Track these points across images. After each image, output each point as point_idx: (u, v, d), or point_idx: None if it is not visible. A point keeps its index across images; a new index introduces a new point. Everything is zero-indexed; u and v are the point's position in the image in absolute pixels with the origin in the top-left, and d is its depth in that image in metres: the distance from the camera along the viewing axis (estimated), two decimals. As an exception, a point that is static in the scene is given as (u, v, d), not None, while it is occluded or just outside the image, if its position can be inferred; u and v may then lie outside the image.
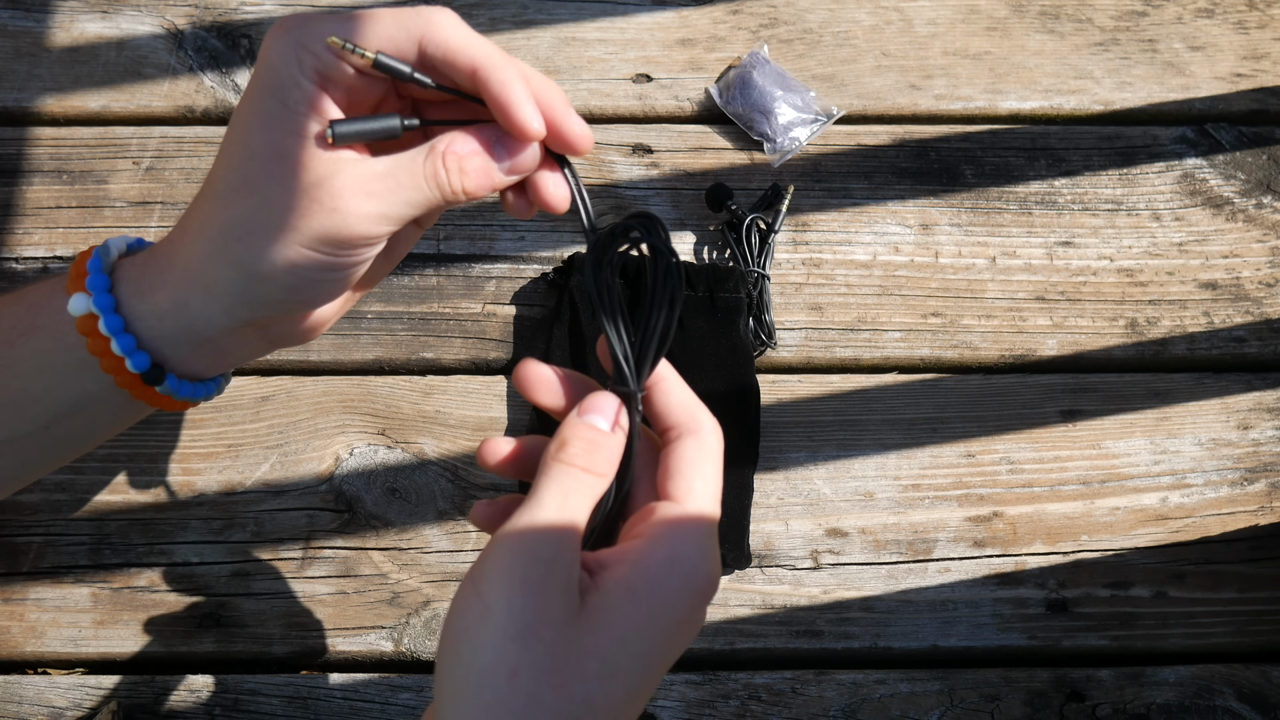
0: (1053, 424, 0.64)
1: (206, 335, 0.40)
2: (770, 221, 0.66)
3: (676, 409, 0.38)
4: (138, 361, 0.39)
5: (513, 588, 0.32)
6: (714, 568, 0.35)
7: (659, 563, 0.34)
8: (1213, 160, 0.71)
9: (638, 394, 0.37)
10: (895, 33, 0.74)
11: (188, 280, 0.39)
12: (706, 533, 0.36)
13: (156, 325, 0.39)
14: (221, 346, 0.41)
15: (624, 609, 0.33)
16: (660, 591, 0.34)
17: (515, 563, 0.33)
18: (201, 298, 0.39)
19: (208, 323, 0.39)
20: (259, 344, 0.42)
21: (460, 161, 0.38)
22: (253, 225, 0.37)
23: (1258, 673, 0.59)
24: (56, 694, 0.57)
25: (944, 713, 0.57)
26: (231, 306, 0.39)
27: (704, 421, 0.38)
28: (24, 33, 0.71)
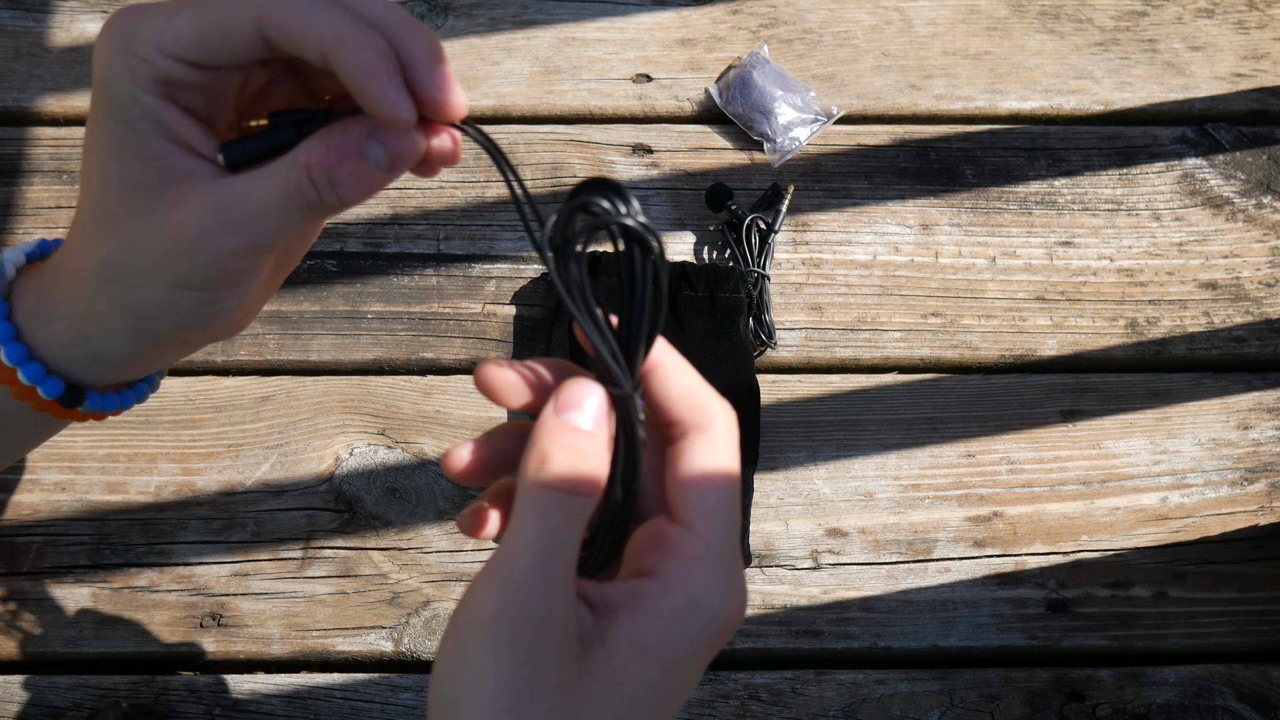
0: (1053, 424, 0.64)
1: (115, 359, 0.36)
2: (770, 221, 0.66)
3: (679, 400, 0.31)
4: (50, 388, 0.36)
5: (501, 654, 0.28)
6: (736, 604, 0.30)
7: (673, 612, 0.29)
8: (1213, 160, 0.71)
9: (634, 394, 0.30)
10: (895, 33, 0.74)
11: (80, 315, 0.36)
12: (728, 561, 0.30)
13: (63, 353, 0.36)
14: (138, 363, 0.37)
15: (634, 669, 0.29)
16: (675, 643, 0.29)
17: (501, 625, 0.28)
18: (99, 332, 0.36)
19: (113, 350, 0.36)
20: (178, 352, 0.38)
21: (329, 172, 0.31)
22: (122, 268, 0.34)
23: (1258, 673, 0.59)
24: (56, 694, 0.57)
25: (944, 713, 0.57)
26: (130, 337, 0.35)
27: (714, 413, 0.31)
28: (24, 33, 0.71)
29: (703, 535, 0.30)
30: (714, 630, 0.30)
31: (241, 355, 0.64)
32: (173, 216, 0.32)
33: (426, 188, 0.68)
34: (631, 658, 0.29)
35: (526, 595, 0.28)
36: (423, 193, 0.68)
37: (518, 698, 0.28)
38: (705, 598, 0.30)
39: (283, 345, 0.64)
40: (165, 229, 0.32)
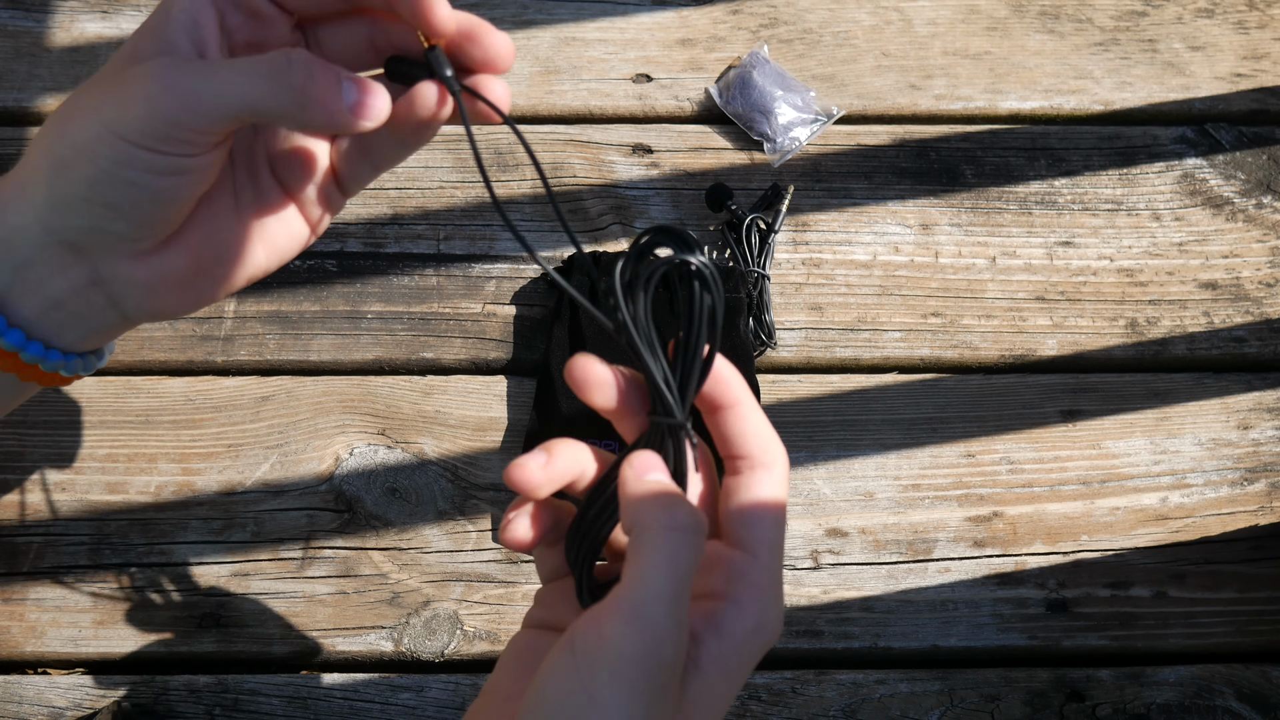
0: (1053, 424, 0.64)
1: (25, 256, 0.35)
2: (770, 221, 0.66)
3: (751, 438, 0.34)
4: None
5: (635, 696, 0.29)
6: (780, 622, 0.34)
7: (747, 634, 0.32)
8: (1213, 160, 0.71)
9: (685, 424, 0.33)
10: (895, 33, 0.74)
11: (9, 184, 0.35)
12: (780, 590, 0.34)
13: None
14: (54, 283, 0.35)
15: (719, 688, 0.32)
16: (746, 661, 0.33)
17: (638, 671, 0.29)
18: (16, 203, 0.34)
19: (24, 237, 0.34)
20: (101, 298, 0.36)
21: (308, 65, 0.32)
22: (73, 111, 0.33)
23: (1258, 673, 0.59)
24: (56, 694, 0.57)
25: (944, 713, 0.57)
26: (42, 211, 0.34)
27: (778, 455, 0.34)
28: (24, 33, 0.71)
29: (766, 564, 0.33)
30: (763, 644, 0.33)
31: (241, 355, 0.64)
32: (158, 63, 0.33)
33: (426, 188, 0.68)
34: (719, 679, 0.32)
35: (663, 641, 0.29)
36: (423, 193, 0.68)
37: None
38: (769, 620, 0.33)
39: (283, 345, 0.64)
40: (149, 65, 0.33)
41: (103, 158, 0.33)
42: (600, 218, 0.68)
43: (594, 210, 0.68)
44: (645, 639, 0.29)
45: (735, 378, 0.34)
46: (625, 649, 0.29)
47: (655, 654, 0.29)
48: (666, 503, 0.31)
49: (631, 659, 0.29)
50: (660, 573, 0.29)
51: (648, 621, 0.29)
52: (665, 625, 0.29)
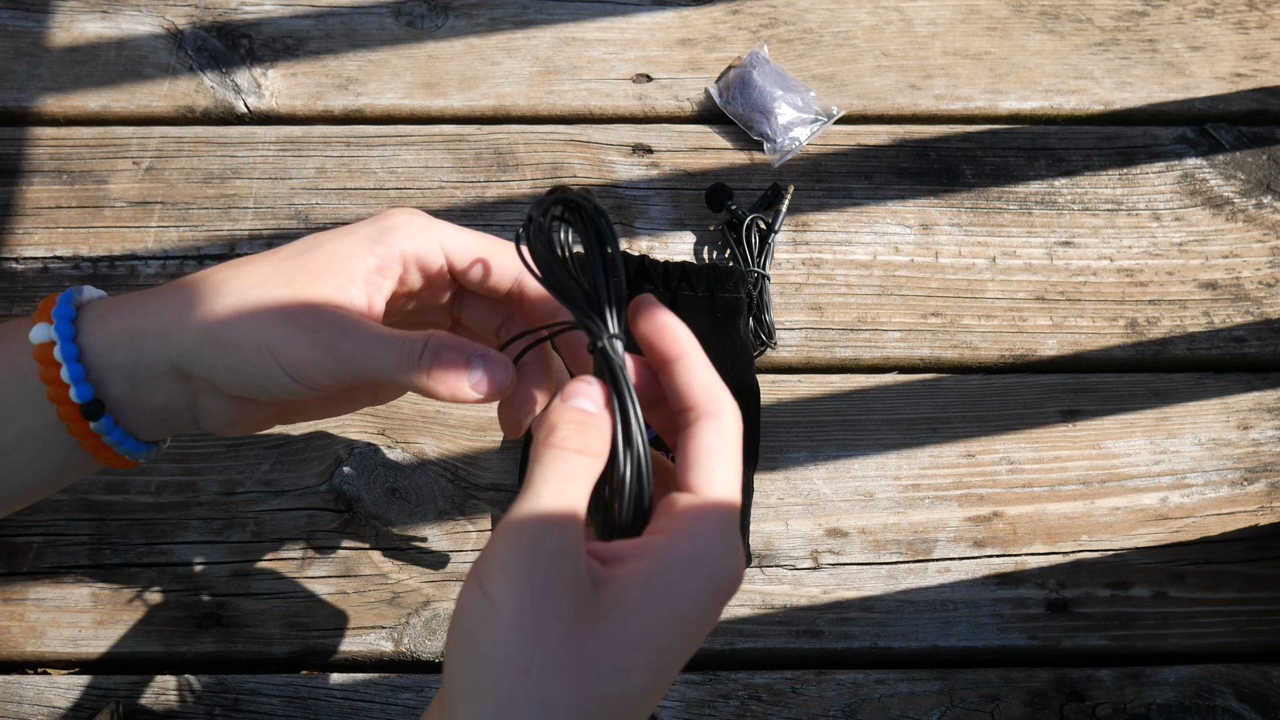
0: (1053, 424, 0.64)
1: (146, 377, 0.40)
2: (770, 221, 0.66)
3: (698, 389, 0.36)
4: (82, 391, 0.39)
5: (519, 581, 0.31)
6: (738, 563, 0.34)
7: (682, 560, 0.33)
8: (1213, 160, 0.71)
9: (615, 337, 0.35)
10: (895, 33, 0.74)
11: (153, 315, 0.40)
12: (730, 525, 0.34)
13: (107, 355, 0.40)
14: (157, 397, 0.41)
15: (643, 606, 0.32)
16: (682, 590, 0.32)
17: (519, 555, 0.31)
18: (155, 333, 0.39)
19: (152, 366, 0.40)
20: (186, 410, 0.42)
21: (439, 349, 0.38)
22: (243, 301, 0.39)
23: (1258, 673, 0.59)
24: (56, 694, 0.57)
25: (944, 713, 0.57)
26: (176, 354, 0.39)
27: (725, 404, 0.36)
28: (24, 33, 0.71)
29: (707, 500, 0.34)
30: (717, 586, 0.33)
31: (241, 355, 0.64)
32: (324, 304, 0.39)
33: (427, 188, 0.68)
34: (641, 597, 0.32)
35: (541, 529, 0.32)
36: (423, 193, 0.68)
37: (535, 621, 0.31)
38: (709, 553, 0.33)
39: (283, 345, 0.64)
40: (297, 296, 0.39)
41: (254, 367, 0.39)
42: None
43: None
44: (523, 530, 0.32)
45: (681, 331, 0.36)
46: (507, 540, 0.32)
47: (534, 542, 0.31)
48: (554, 425, 0.34)
49: (512, 546, 0.32)
50: (540, 478, 0.33)
51: (526, 517, 0.32)
52: (542, 517, 0.32)
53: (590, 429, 0.35)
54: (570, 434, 0.34)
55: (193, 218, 0.67)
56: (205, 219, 0.67)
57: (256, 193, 0.68)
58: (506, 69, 0.72)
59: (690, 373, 0.36)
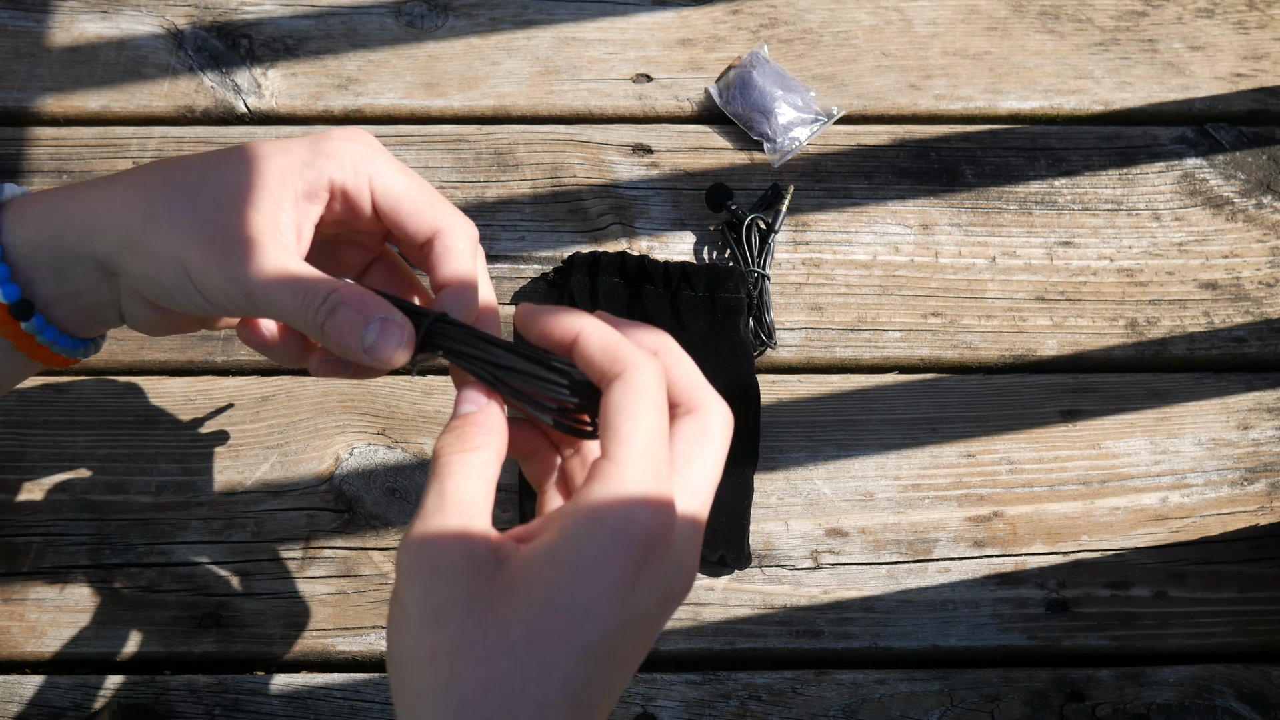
0: (1053, 424, 0.64)
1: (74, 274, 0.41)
2: (770, 221, 0.66)
3: (596, 356, 0.35)
4: (8, 292, 0.40)
5: (416, 578, 0.32)
6: (650, 517, 0.32)
7: (579, 522, 0.32)
8: (1213, 160, 0.71)
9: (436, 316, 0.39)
10: (895, 33, 0.74)
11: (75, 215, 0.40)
12: (637, 481, 0.32)
13: (31, 255, 0.40)
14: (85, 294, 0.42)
15: (544, 573, 0.31)
16: (585, 551, 0.31)
17: (414, 556, 0.33)
18: (79, 235, 0.40)
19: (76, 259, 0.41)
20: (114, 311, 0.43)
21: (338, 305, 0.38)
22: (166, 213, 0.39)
23: (1258, 673, 0.59)
24: (56, 694, 0.57)
25: (944, 713, 0.57)
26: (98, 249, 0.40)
27: (630, 361, 0.34)
28: (24, 33, 0.71)
29: (612, 457, 0.33)
30: (628, 542, 0.31)
31: (241, 355, 0.64)
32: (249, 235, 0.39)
33: (426, 188, 0.68)
34: (541, 564, 0.32)
35: (420, 524, 0.33)
36: (423, 193, 0.68)
37: (433, 608, 0.32)
38: (612, 510, 0.32)
39: (283, 345, 0.64)
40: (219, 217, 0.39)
41: (169, 280, 0.39)
42: (600, 218, 0.68)
43: (594, 210, 0.68)
44: (416, 533, 0.33)
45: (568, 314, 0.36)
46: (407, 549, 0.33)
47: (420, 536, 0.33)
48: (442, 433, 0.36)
49: (410, 549, 0.33)
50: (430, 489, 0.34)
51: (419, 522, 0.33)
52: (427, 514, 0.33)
53: (465, 427, 0.35)
54: (447, 442, 0.35)
55: (193, 218, 0.67)
56: (205, 219, 0.67)
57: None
58: (506, 69, 0.72)
59: (586, 345, 0.35)
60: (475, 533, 0.33)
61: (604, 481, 0.32)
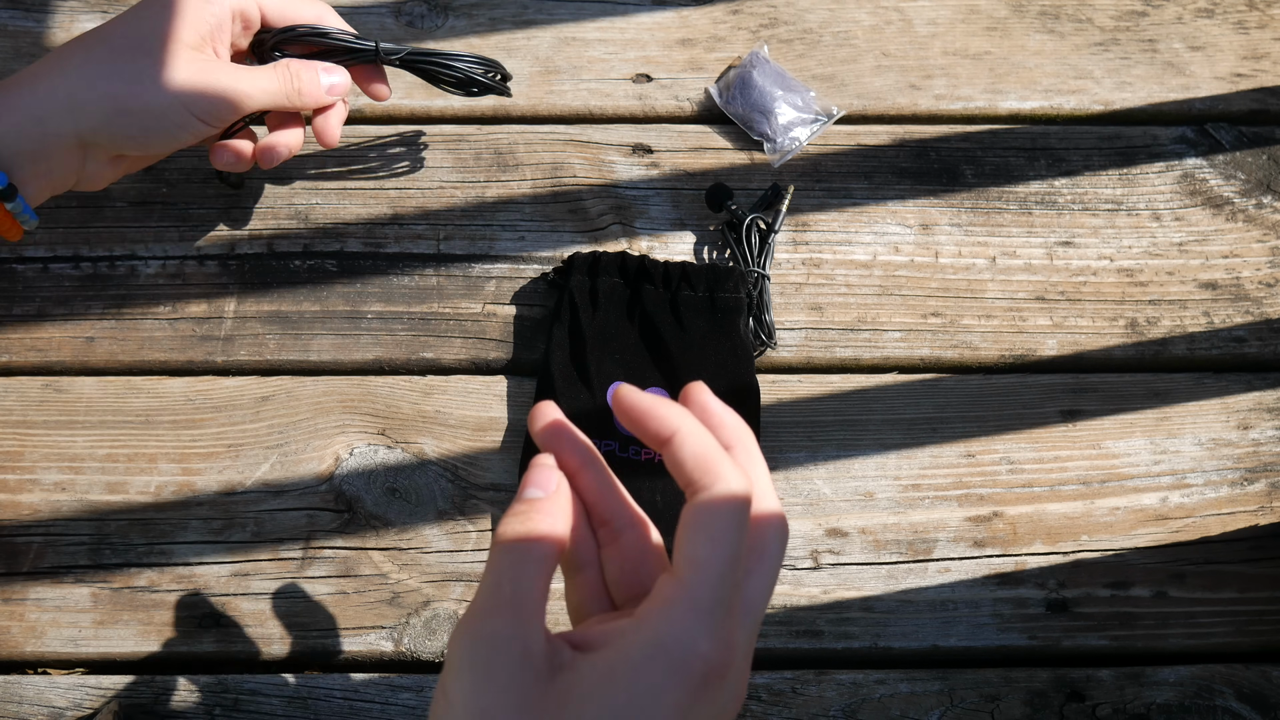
0: (1053, 424, 0.64)
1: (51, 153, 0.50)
2: (770, 221, 0.66)
3: (689, 464, 0.34)
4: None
5: (465, 675, 0.31)
6: (711, 648, 0.31)
7: (642, 646, 0.31)
8: (1213, 160, 0.71)
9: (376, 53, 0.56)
10: (895, 33, 0.74)
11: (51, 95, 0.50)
12: (705, 608, 0.31)
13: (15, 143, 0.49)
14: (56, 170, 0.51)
15: (597, 694, 0.31)
16: (641, 677, 0.31)
17: (466, 650, 0.32)
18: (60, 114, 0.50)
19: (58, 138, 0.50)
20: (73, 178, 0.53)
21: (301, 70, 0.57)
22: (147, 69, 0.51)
23: (1258, 673, 0.59)
24: (56, 694, 0.57)
25: (944, 713, 0.57)
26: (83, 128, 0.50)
27: (719, 475, 0.33)
28: (24, 33, 0.71)
29: (684, 580, 0.32)
30: (687, 672, 0.31)
31: (241, 355, 0.64)
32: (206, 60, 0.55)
33: (426, 188, 0.68)
34: (597, 685, 0.31)
35: (478, 618, 0.32)
36: (423, 193, 0.68)
37: (482, 711, 0.31)
38: (676, 638, 0.31)
39: (283, 345, 0.64)
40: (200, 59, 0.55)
41: (170, 123, 0.52)
42: (600, 218, 0.68)
43: (594, 210, 0.68)
44: (470, 623, 0.32)
45: (668, 408, 0.35)
46: (458, 639, 0.32)
47: (476, 632, 0.32)
48: (505, 518, 0.35)
49: (459, 639, 0.32)
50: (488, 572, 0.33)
51: (472, 611, 0.33)
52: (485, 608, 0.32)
53: (532, 514, 0.34)
54: (510, 524, 0.34)
55: (193, 218, 0.67)
56: (205, 219, 0.67)
57: (256, 192, 0.68)
58: (506, 69, 0.72)
59: (679, 449, 0.34)
60: (532, 635, 0.32)
61: (671, 606, 0.31)
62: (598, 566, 0.38)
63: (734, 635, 0.32)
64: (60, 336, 0.64)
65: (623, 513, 0.38)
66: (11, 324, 0.64)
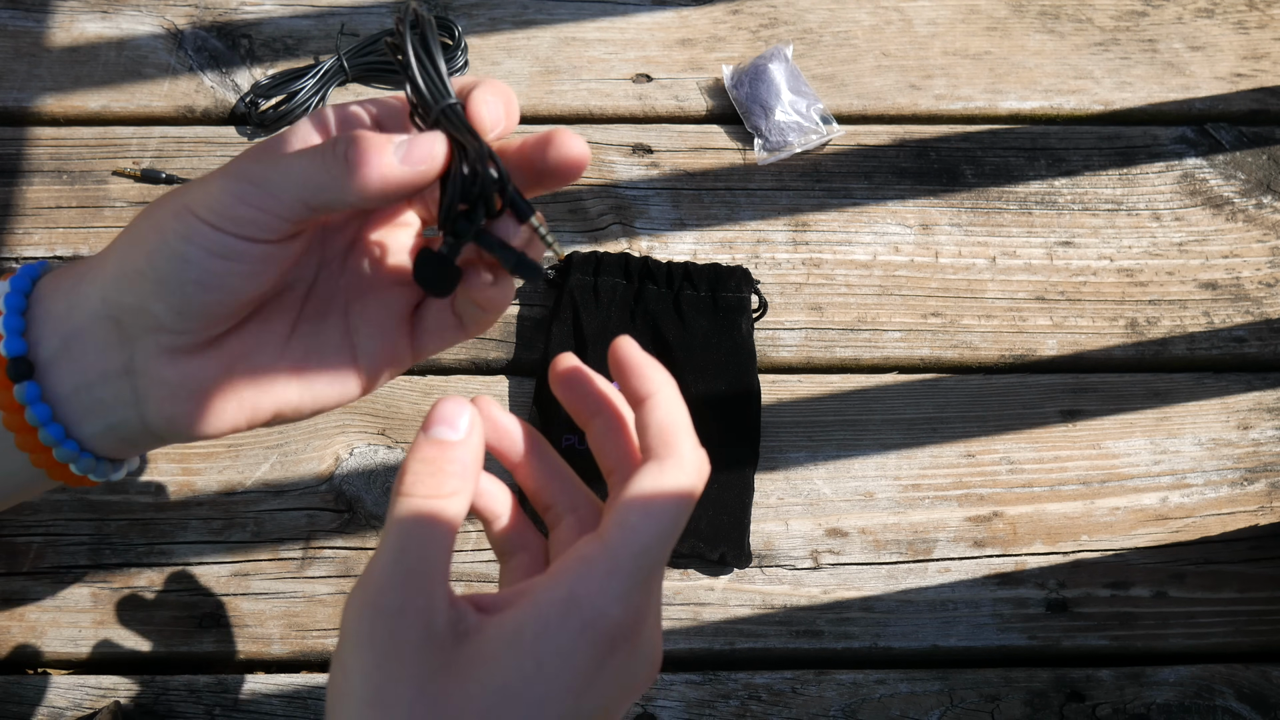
0: (1053, 424, 0.64)
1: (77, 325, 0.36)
2: None
3: (653, 429, 0.32)
4: (11, 344, 0.35)
5: (361, 647, 0.29)
6: (623, 613, 0.30)
7: (552, 604, 0.29)
8: (1213, 160, 0.71)
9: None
10: (895, 33, 0.74)
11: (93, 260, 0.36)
12: (623, 572, 0.30)
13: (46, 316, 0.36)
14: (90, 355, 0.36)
15: (505, 658, 0.29)
16: (552, 638, 0.29)
17: (360, 621, 0.29)
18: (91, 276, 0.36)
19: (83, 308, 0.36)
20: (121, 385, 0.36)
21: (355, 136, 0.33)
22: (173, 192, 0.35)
23: (1258, 673, 0.59)
24: (56, 694, 0.57)
25: (944, 713, 0.57)
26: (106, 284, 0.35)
27: (675, 448, 0.32)
28: (24, 33, 0.71)
29: (607, 541, 0.30)
30: (599, 633, 0.29)
31: (241, 355, 0.64)
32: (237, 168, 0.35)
33: (426, 188, 0.68)
34: (503, 647, 0.29)
35: (380, 591, 0.29)
36: (423, 193, 0.68)
37: (379, 689, 0.29)
38: (590, 596, 0.29)
39: (283, 345, 0.64)
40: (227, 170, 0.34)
41: (170, 230, 0.33)
42: (600, 218, 0.68)
43: (594, 210, 0.68)
44: (365, 593, 0.30)
45: (654, 370, 0.33)
46: (351, 605, 0.30)
47: (373, 604, 0.29)
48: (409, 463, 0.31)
49: (355, 612, 0.30)
50: (386, 535, 0.30)
51: (367, 579, 0.30)
52: (381, 578, 0.30)
53: (442, 467, 0.31)
54: (418, 478, 0.31)
55: (193, 218, 0.67)
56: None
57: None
58: (506, 69, 0.72)
59: (651, 414, 0.32)
60: (437, 605, 0.30)
61: (586, 563, 0.30)
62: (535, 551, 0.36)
63: (645, 606, 0.31)
64: (60, 336, 0.64)
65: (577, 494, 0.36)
66: (11, 324, 0.64)
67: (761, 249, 0.67)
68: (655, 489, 0.31)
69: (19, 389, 0.35)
